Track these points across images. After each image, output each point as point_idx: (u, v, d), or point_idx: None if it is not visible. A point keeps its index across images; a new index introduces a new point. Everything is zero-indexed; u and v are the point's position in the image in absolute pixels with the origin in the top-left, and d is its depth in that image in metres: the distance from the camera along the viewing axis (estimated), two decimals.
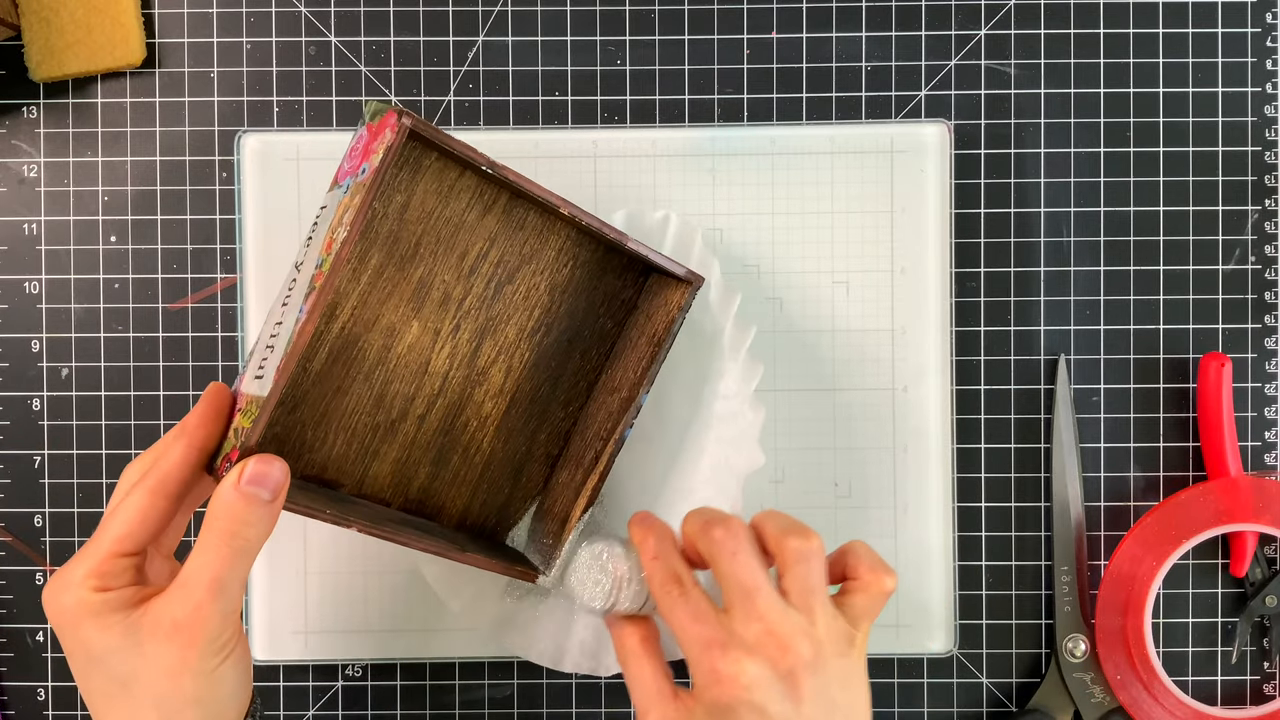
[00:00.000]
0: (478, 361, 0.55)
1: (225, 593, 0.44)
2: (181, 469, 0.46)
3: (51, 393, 0.61)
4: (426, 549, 0.52)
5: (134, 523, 0.45)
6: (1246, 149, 0.61)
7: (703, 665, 0.45)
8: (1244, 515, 0.59)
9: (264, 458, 0.45)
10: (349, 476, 0.54)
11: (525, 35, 0.61)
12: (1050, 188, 0.61)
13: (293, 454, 0.53)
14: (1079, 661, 0.61)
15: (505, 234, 0.54)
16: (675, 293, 0.54)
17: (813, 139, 0.60)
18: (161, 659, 0.44)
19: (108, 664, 0.44)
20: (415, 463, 0.55)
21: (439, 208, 0.52)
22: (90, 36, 0.60)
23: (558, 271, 0.55)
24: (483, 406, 0.56)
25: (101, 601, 0.44)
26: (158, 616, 0.44)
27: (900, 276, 0.61)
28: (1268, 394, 0.61)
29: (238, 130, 0.61)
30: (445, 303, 0.54)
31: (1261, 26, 0.61)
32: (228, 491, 0.44)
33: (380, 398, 0.54)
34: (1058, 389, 0.61)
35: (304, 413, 0.53)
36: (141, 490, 0.45)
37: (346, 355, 0.53)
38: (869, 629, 0.48)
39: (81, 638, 0.44)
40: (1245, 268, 0.61)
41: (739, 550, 0.46)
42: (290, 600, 0.61)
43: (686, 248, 0.57)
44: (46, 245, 0.61)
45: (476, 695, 0.62)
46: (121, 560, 0.45)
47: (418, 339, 0.54)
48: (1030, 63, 0.61)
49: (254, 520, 0.44)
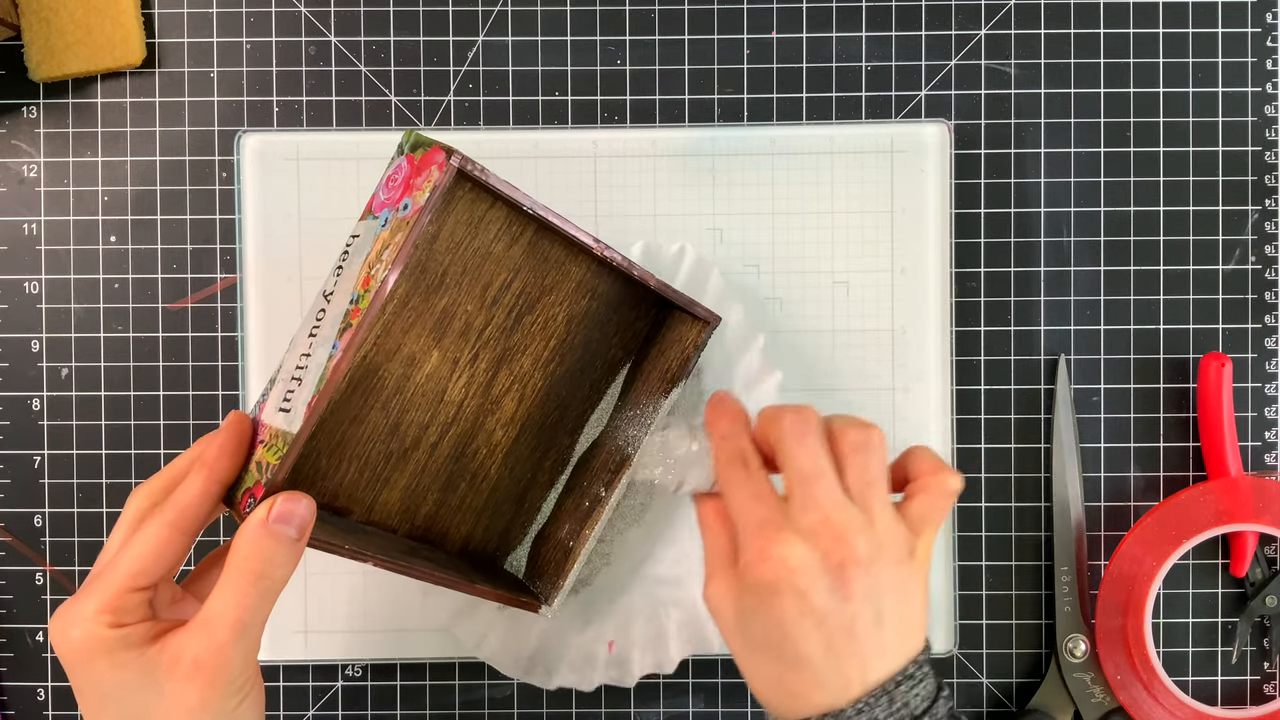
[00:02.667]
0: (492, 390, 0.55)
1: (248, 633, 0.43)
2: (201, 502, 0.45)
3: (51, 393, 0.61)
4: (438, 581, 0.51)
5: (150, 557, 0.44)
6: (1246, 149, 0.61)
7: (754, 543, 0.43)
8: (1244, 515, 0.59)
9: (291, 495, 0.44)
10: (359, 504, 0.54)
11: (525, 35, 0.61)
12: (1050, 188, 0.61)
13: (305, 483, 0.52)
14: (1079, 661, 0.61)
15: (529, 265, 0.53)
16: (691, 330, 0.54)
17: (813, 139, 0.60)
18: (181, 698, 0.42)
19: (121, 702, 0.43)
20: (424, 490, 0.55)
21: (468, 238, 0.52)
22: (90, 36, 0.60)
23: (576, 303, 0.55)
24: (494, 435, 0.56)
25: (116, 638, 0.42)
26: (177, 654, 0.43)
27: (900, 276, 0.61)
28: (1268, 394, 0.61)
29: (238, 130, 0.61)
30: (466, 332, 0.53)
31: (1261, 26, 0.61)
32: (255, 529, 0.43)
33: (395, 426, 0.53)
34: (1058, 389, 0.61)
35: (320, 441, 0.52)
36: (159, 523, 0.44)
37: (366, 384, 0.52)
38: (932, 540, 0.46)
39: (94, 675, 0.43)
40: (1245, 268, 0.61)
41: (806, 434, 0.44)
42: (290, 600, 0.60)
43: (701, 282, 0.57)
44: (46, 245, 0.61)
45: (476, 695, 0.62)
46: (136, 595, 0.43)
47: (436, 368, 0.53)
48: (1030, 63, 0.61)
49: (281, 560, 0.44)
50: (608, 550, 0.58)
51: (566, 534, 0.56)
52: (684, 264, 0.58)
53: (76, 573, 0.61)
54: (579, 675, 0.56)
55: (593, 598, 0.57)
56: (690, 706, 0.61)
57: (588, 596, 0.57)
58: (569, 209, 0.60)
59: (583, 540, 0.55)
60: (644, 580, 0.56)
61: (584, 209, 0.60)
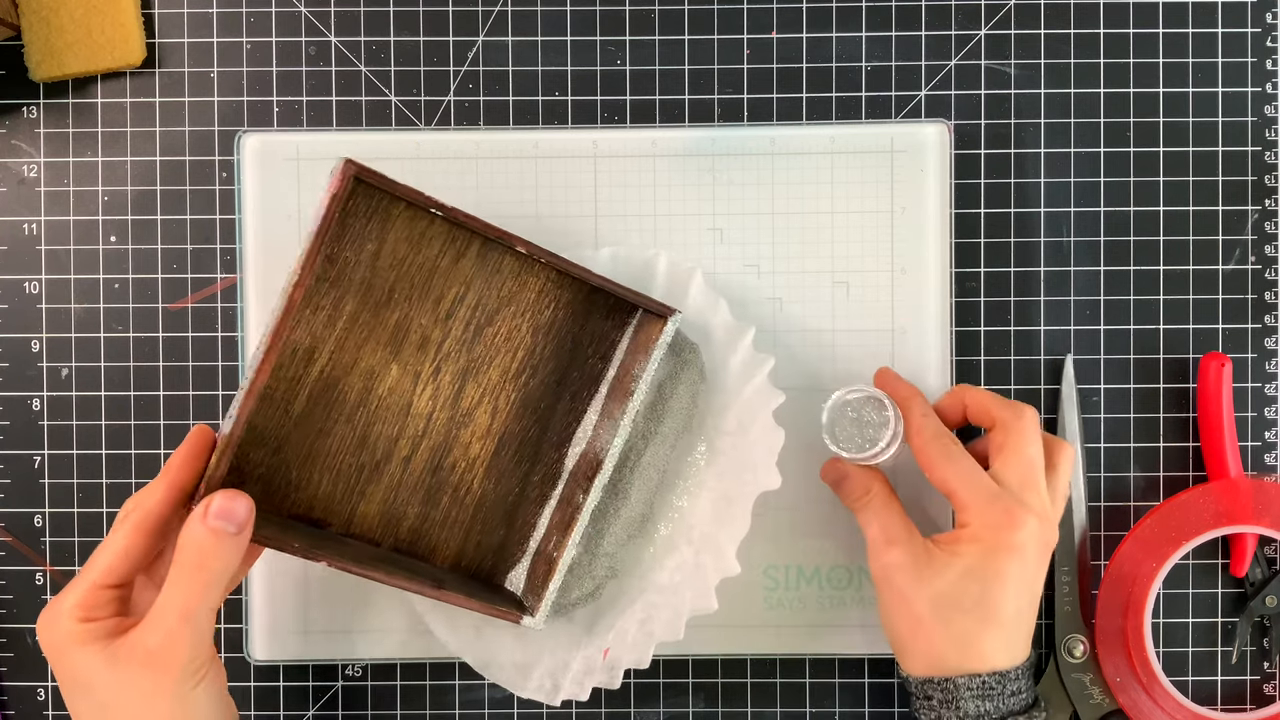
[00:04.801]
0: (461, 403, 0.56)
1: (195, 622, 0.47)
2: (162, 507, 0.48)
3: (51, 393, 0.61)
4: (401, 585, 0.53)
5: (117, 558, 0.48)
6: (1246, 149, 0.61)
7: (992, 511, 0.52)
8: (1244, 517, 0.59)
9: (227, 493, 0.48)
10: (336, 516, 0.55)
11: (525, 35, 0.61)
12: (1050, 188, 0.61)
13: (279, 493, 0.54)
14: (1078, 662, 0.61)
15: (481, 278, 0.55)
16: (656, 328, 0.55)
17: (813, 139, 0.60)
18: (138, 684, 0.46)
19: (91, 689, 0.47)
20: (403, 503, 0.56)
21: (410, 254, 0.53)
22: (90, 36, 0.60)
23: (539, 313, 0.56)
24: (470, 448, 0.56)
25: (86, 631, 0.47)
26: (134, 645, 0.47)
27: (900, 276, 0.61)
28: (1268, 394, 0.61)
29: (238, 130, 0.61)
30: (424, 345, 0.55)
31: (1261, 26, 0.61)
32: (194, 526, 0.47)
33: (363, 439, 0.55)
34: (1064, 389, 0.61)
35: (288, 453, 0.54)
36: (125, 527, 0.48)
37: (327, 398, 0.54)
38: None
39: (68, 664, 0.47)
40: (1245, 268, 0.61)
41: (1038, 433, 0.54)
42: (290, 600, 0.60)
43: (682, 286, 0.57)
44: (46, 245, 0.61)
45: (476, 695, 0.62)
46: (106, 592, 0.48)
47: (398, 381, 0.55)
48: (1030, 63, 0.61)
49: (220, 553, 0.47)
50: (613, 564, 0.58)
51: (553, 545, 0.56)
52: (659, 269, 0.58)
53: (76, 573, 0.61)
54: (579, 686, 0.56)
55: (602, 609, 0.57)
56: (690, 706, 0.61)
57: (597, 609, 0.57)
58: (569, 209, 0.60)
59: (562, 548, 0.55)
60: (646, 589, 0.56)
61: (584, 209, 0.60)
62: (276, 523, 0.53)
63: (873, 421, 0.55)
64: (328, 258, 0.52)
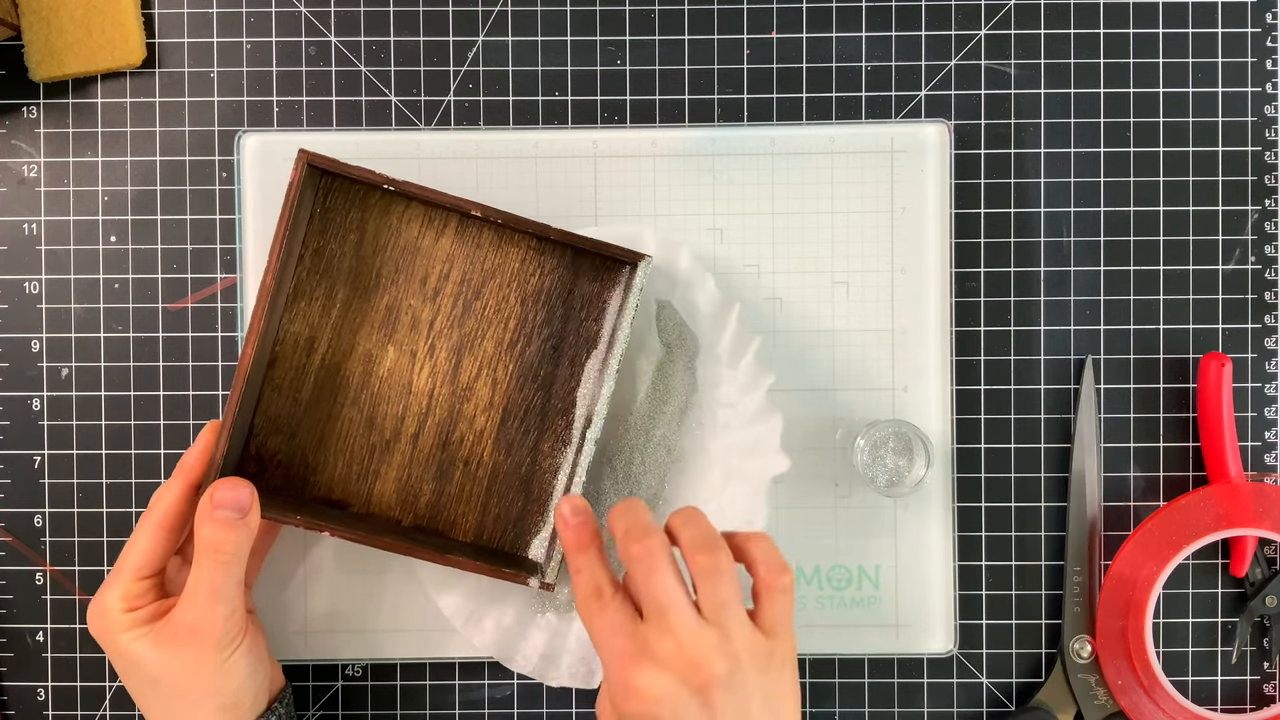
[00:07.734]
0: (460, 378, 0.57)
1: (224, 596, 0.52)
2: (179, 504, 0.54)
3: (51, 393, 0.61)
4: (408, 553, 0.55)
5: (145, 555, 0.53)
6: (1246, 149, 0.61)
7: (618, 678, 0.47)
8: (1244, 520, 0.59)
9: (228, 483, 0.52)
10: (355, 497, 0.58)
11: (525, 35, 0.61)
12: (1050, 188, 0.61)
13: (299, 478, 0.58)
14: (1085, 663, 0.60)
15: (463, 253, 0.57)
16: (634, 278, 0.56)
17: (813, 139, 0.60)
18: (182, 657, 0.52)
19: (141, 666, 0.52)
20: (417, 480, 0.58)
21: (392, 239, 0.56)
22: (90, 36, 0.60)
23: (525, 282, 0.57)
24: (475, 421, 0.58)
25: (131, 619, 0.52)
26: (175, 624, 0.52)
27: (900, 276, 0.61)
28: (1268, 394, 0.61)
29: (238, 130, 0.61)
30: (416, 325, 0.57)
31: (1261, 26, 0.61)
32: (203, 517, 0.52)
33: (371, 420, 0.57)
34: (1083, 389, 0.61)
35: (302, 439, 0.57)
36: (149, 525, 0.53)
37: (331, 383, 0.57)
38: (790, 637, 0.49)
39: (119, 649, 0.53)
40: (1245, 268, 0.61)
41: (654, 568, 0.47)
42: (290, 600, 0.61)
43: (671, 263, 0.57)
44: (46, 245, 0.61)
45: (476, 695, 0.61)
46: (142, 583, 0.53)
47: (396, 362, 0.57)
48: (1030, 63, 0.61)
49: (231, 538, 0.51)
50: None
51: None
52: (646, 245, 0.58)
53: (77, 573, 0.61)
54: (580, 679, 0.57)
55: None
56: None
57: None
58: (569, 209, 0.60)
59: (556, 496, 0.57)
60: None
61: (584, 209, 0.60)
62: (300, 508, 0.55)
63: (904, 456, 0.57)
64: (315, 251, 0.56)
